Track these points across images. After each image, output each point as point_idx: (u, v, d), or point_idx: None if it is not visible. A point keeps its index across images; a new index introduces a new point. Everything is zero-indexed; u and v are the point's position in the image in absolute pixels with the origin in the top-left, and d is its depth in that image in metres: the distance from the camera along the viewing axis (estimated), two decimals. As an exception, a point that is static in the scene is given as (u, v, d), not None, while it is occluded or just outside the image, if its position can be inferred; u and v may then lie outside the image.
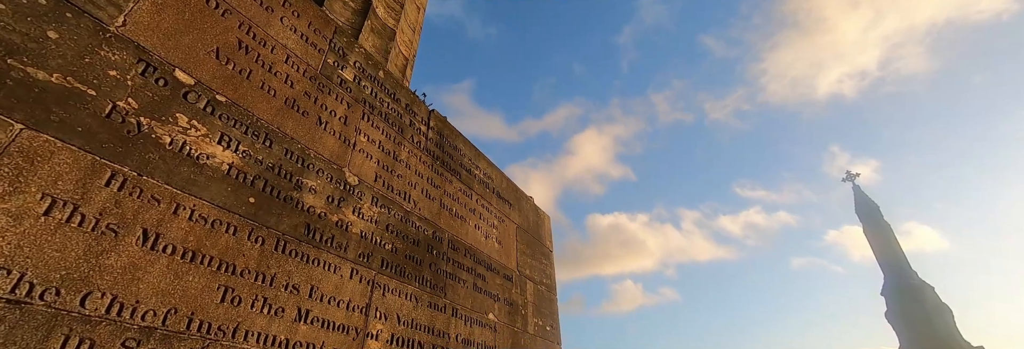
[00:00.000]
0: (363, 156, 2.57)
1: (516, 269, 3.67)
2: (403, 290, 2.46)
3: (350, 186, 2.40)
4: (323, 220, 2.16)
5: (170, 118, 1.70)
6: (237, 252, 1.74)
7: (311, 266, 2.00)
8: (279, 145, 2.09)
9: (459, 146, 3.61)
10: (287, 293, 1.85)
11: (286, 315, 1.82)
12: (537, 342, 3.57)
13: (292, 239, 1.97)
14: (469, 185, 3.51)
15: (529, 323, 3.56)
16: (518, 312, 3.47)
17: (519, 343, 3.32)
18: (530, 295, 3.72)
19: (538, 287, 3.92)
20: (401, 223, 2.65)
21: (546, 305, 3.95)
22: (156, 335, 1.42)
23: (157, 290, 1.47)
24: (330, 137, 2.39)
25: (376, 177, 2.61)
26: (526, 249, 3.97)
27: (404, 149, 2.94)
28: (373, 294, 2.26)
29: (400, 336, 2.31)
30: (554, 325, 3.96)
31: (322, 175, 2.25)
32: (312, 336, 1.88)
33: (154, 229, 1.53)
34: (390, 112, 2.94)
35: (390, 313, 2.31)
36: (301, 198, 2.09)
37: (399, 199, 2.71)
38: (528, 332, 3.49)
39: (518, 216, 4.06)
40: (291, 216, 2.01)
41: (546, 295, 4.01)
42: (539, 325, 3.70)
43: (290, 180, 2.08)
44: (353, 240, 2.27)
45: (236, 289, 1.69)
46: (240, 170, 1.87)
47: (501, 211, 3.81)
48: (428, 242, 2.80)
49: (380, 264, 2.38)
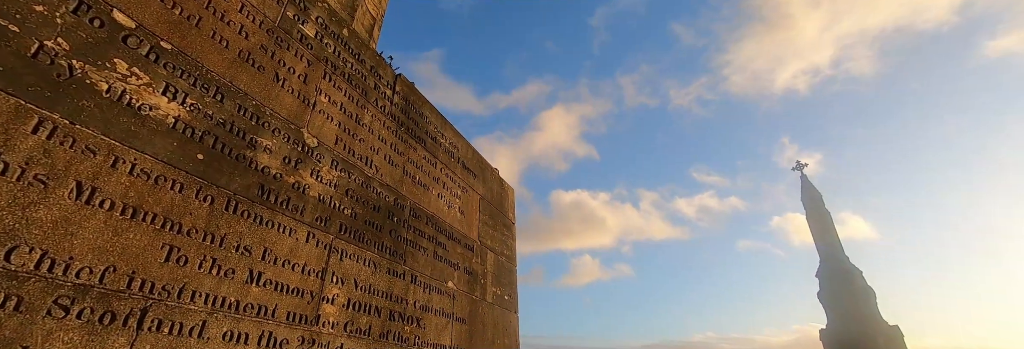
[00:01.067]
0: (323, 117, 2.46)
1: (477, 239, 3.68)
2: (362, 256, 2.42)
3: (309, 148, 2.30)
4: (279, 181, 2.07)
5: (107, 63, 1.55)
6: (183, 210, 1.65)
7: (265, 228, 1.93)
8: (231, 100, 1.96)
9: (425, 113, 3.52)
10: (238, 255, 1.79)
11: (237, 277, 1.76)
12: (495, 310, 3.64)
13: (244, 200, 1.88)
14: (434, 154, 3.45)
15: (488, 292, 3.61)
16: (477, 281, 3.50)
17: (477, 311, 3.37)
18: (490, 265, 3.76)
19: (499, 257, 3.96)
20: (362, 188, 2.58)
21: (506, 275, 4.00)
22: (92, 293, 1.35)
23: (93, 247, 1.38)
24: (288, 95, 2.26)
25: (337, 140, 2.51)
26: (488, 220, 3.98)
27: (367, 113, 2.84)
28: (330, 259, 2.21)
29: (357, 301, 2.29)
30: (512, 295, 4.04)
31: (278, 135, 2.14)
32: (264, 298, 1.83)
33: (90, 182, 1.42)
34: (354, 73, 2.81)
35: (347, 278, 2.28)
36: (255, 157, 1.99)
37: (360, 164, 2.63)
38: (486, 300, 3.54)
39: (482, 187, 4.04)
40: (244, 176, 1.92)
41: (506, 265, 4.06)
42: (498, 294, 3.76)
43: (243, 138, 1.97)
44: (310, 203, 2.20)
45: (182, 249, 1.61)
46: (188, 124, 1.75)
47: (465, 181, 3.78)
48: (389, 209, 2.76)
49: (339, 229, 2.32)
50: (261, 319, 1.79)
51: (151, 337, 1.45)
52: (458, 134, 3.95)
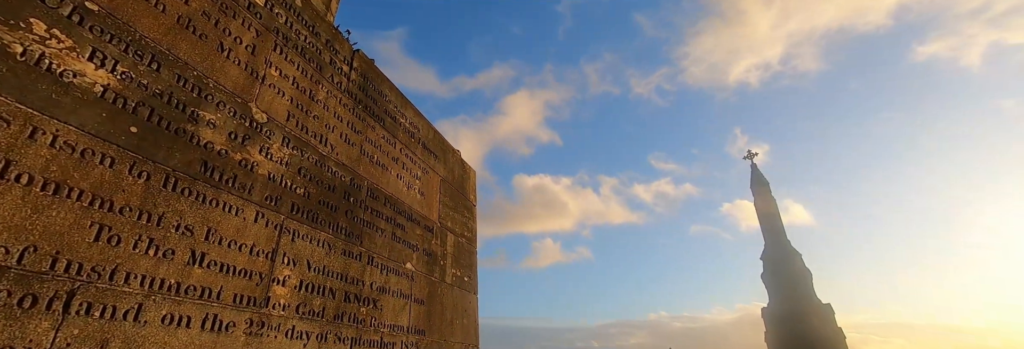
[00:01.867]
0: (274, 92, 2.33)
1: (438, 221, 3.64)
2: (315, 236, 2.34)
3: (257, 123, 2.18)
4: (224, 158, 1.95)
5: (22, 23, 1.40)
6: (115, 187, 1.53)
7: (208, 207, 1.82)
8: (169, 70, 1.82)
9: (385, 92, 3.41)
10: (178, 234, 1.69)
11: (177, 258, 1.66)
12: (454, 291, 3.64)
13: (185, 177, 1.77)
14: (393, 133, 3.35)
15: (448, 273, 3.60)
16: (437, 262, 3.48)
17: (436, 292, 3.36)
18: (450, 246, 3.74)
19: (459, 239, 3.94)
20: (316, 167, 2.48)
21: (466, 257, 4.00)
22: (9, 275, 1.24)
23: (9, 225, 1.26)
24: (234, 67, 2.12)
25: (289, 116, 2.39)
26: (449, 202, 3.94)
27: (322, 89, 2.71)
28: (281, 239, 2.13)
29: (310, 282, 2.23)
30: (472, 276, 4.04)
31: (223, 108, 2.01)
32: (208, 280, 1.74)
33: (3, 155, 1.29)
34: (307, 46, 2.67)
35: (300, 259, 2.20)
36: (197, 132, 1.86)
37: (314, 142, 2.52)
38: (446, 282, 3.53)
39: (443, 168, 3.99)
40: (184, 151, 1.80)
41: (466, 247, 4.05)
42: (457, 275, 3.76)
43: (183, 111, 1.84)
44: (259, 182, 2.10)
45: (115, 228, 1.50)
46: (119, 94, 1.61)
47: (426, 162, 3.71)
48: (345, 189, 2.67)
49: (290, 209, 2.23)
50: (205, 302, 1.71)
51: (79, 321, 1.35)
52: (419, 114, 3.86)
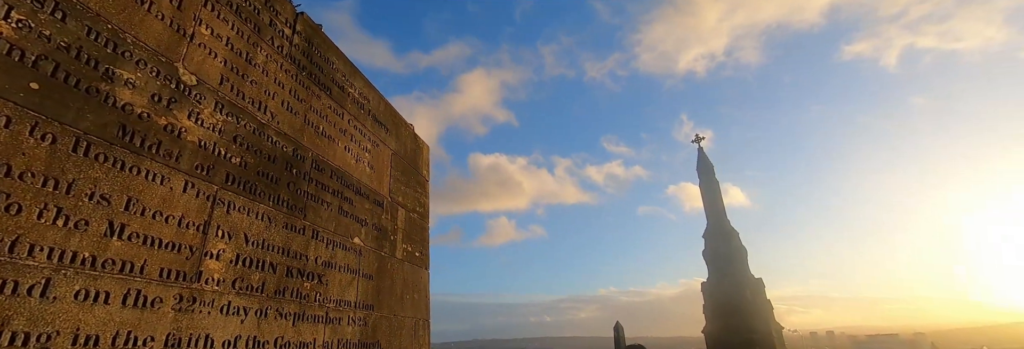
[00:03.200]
0: (205, 52, 2.14)
1: (388, 195, 3.55)
2: (254, 209, 2.22)
3: (186, 86, 2.00)
4: (146, 122, 1.78)
5: None
6: (13, 150, 1.36)
7: (128, 174, 1.67)
8: (77, 21, 1.62)
9: (332, 59, 3.22)
10: (93, 204, 1.54)
11: (92, 229, 1.52)
12: (405, 267, 3.59)
13: (100, 141, 1.60)
14: (341, 103, 3.19)
15: (398, 248, 3.54)
16: (387, 237, 3.41)
17: (385, 267, 3.30)
18: (401, 222, 3.67)
19: (410, 214, 3.87)
20: (254, 136, 2.33)
21: (417, 232, 3.94)
22: None
23: None
24: (157, 22, 1.92)
25: (222, 80, 2.21)
26: (401, 176, 3.84)
27: (261, 52, 2.52)
28: (214, 211, 2.00)
29: (248, 257, 2.12)
30: (424, 252, 4.00)
31: (144, 68, 1.83)
32: (130, 253, 1.61)
33: None
34: (243, 5, 2.46)
35: (236, 232, 2.08)
36: (113, 92, 1.69)
37: (252, 109, 2.36)
38: (396, 257, 3.48)
39: (395, 142, 3.86)
40: (98, 113, 1.62)
41: (418, 222, 3.99)
42: (408, 251, 3.70)
43: (96, 68, 1.65)
44: (188, 149, 1.94)
45: (13, 195, 1.34)
46: (15, 45, 1.42)
47: (376, 135, 3.58)
48: (287, 160, 2.53)
49: (225, 179, 2.09)
50: (126, 276, 1.58)
51: (-26, 297, 1.22)
52: (369, 85, 3.69)
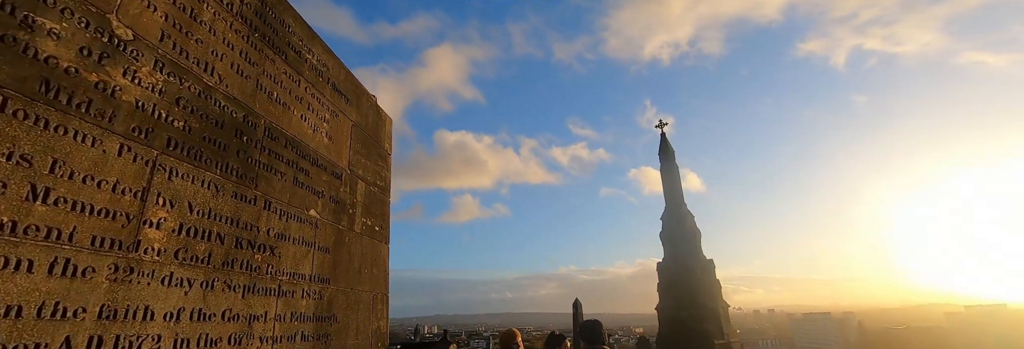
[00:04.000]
0: (142, 5, 1.96)
1: (347, 167, 3.44)
2: (200, 176, 2.09)
3: (121, 41, 1.83)
4: (74, 78, 1.63)
5: None
6: (-89, 100, 1.21)
7: (53, 134, 1.53)
8: (-13, -42, 1.43)
9: (288, 22, 3.03)
10: (12, 165, 1.40)
11: (12, 192, 1.39)
12: (364, 240, 3.53)
13: (17, 96, 1.45)
14: (298, 69, 3.03)
15: (357, 222, 3.46)
16: (345, 211, 3.32)
17: (343, 241, 3.23)
18: (360, 195, 3.58)
19: (371, 188, 3.78)
20: (200, 99, 2.18)
21: (377, 206, 3.86)
22: None
23: None
24: (85, -34, 1.73)
25: (163, 36, 2.04)
26: (361, 148, 3.72)
27: (208, 9, 2.33)
28: (155, 177, 1.87)
29: (192, 226, 2.01)
30: (384, 226, 3.94)
31: (71, 17, 1.65)
32: (56, 220, 1.49)
33: None
34: (188, -46, 2.25)
35: (179, 200, 1.97)
36: (33, 43, 1.52)
37: (197, 69, 2.20)
38: (354, 231, 3.40)
39: (356, 113, 3.72)
40: (16, 65, 1.46)
41: (379, 196, 3.90)
42: (367, 225, 3.63)
43: (13, 14, 1.48)
44: (124, 109, 1.79)
45: (-87, 151, 1.20)
46: (-92, -19, 1.24)
47: (336, 105, 3.43)
48: (237, 126, 2.39)
49: (166, 144, 1.95)
50: (52, 244, 1.47)
51: None
52: (329, 52, 3.51)
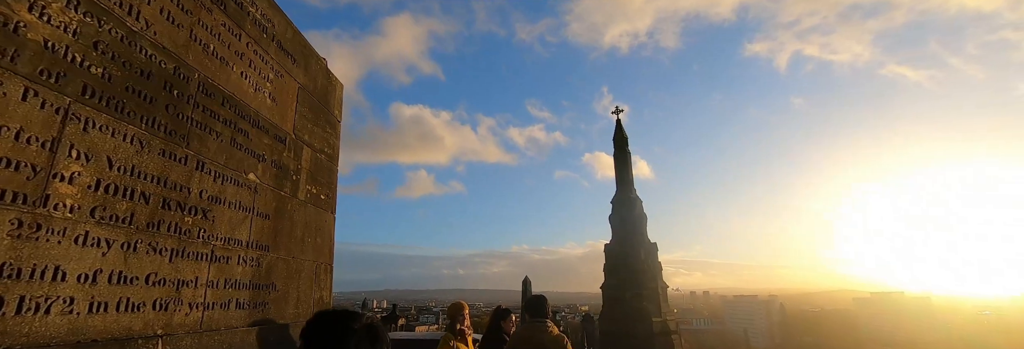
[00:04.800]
0: (52, -69, 1.73)
1: (292, 132, 3.28)
2: (121, 130, 1.92)
3: (24, -30, 1.62)
4: (-35, 7, 1.43)
5: None
6: None
7: (-62, 69, 1.34)
8: None
9: (229, -31, 2.79)
10: None
11: None
12: (308, 209, 3.41)
13: None
14: (239, 23, 2.81)
15: (301, 189, 3.33)
16: (288, 177, 3.18)
17: (285, 208, 3.10)
18: (306, 161, 3.43)
19: (317, 155, 3.63)
20: (122, 45, 1.98)
21: (324, 174, 3.72)
22: None
23: None
24: None
25: (78, -30, 1.82)
26: (308, 113, 3.55)
27: (134, -55, 2.10)
28: (67, 127, 1.70)
29: (112, 183, 1.85)
30: (331, 195, 3.81)
31: (-40, -64, 1.44)
32: (-56, 166, 1.33)
33: None
34: None
35: (96, 154, 1.80)
36: (-89, -39, 1.31)
37: (119, 12, 1.99)
38: (298, 198, 3.27)
39: (303, 75, 3.53)
40: None
41: (326, 164, 3.76)
42: (313, 193, 3.50)
43: None
44: (29, 49, 1.60)
45: None
46: None
47: (281, 65, 3.23)
48: (167, 79, 2.20)
49: (82, 91, 1.77)
50: (-61, 192, 1.31)
51: None
52: (276, 7, 3.28)
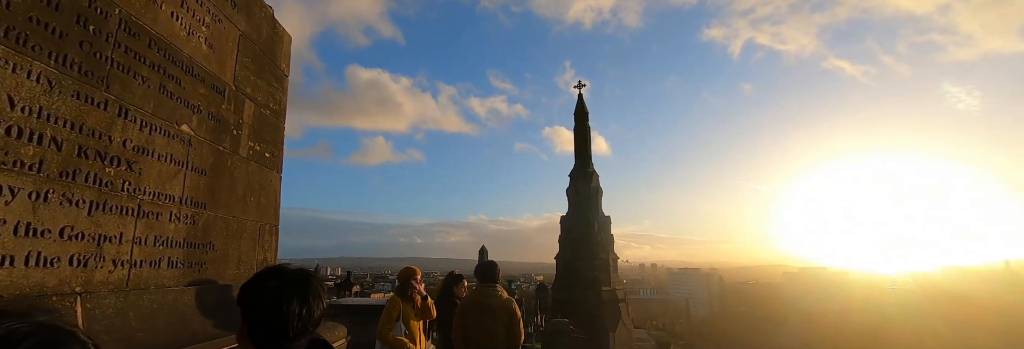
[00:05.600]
0: None
1: (232, 83, 3.05)
2: (24, 66, 1.70)
3: None
4: None
5: None
6: None
7: None
8: None
9: None
10: None
11: None
12: (251, 166, 3.23)
13: None
14: (168, -44, 2.52)
15: (243, 145, 3.14)
16: (228, 131, 2.98)
17: (224, 164, 2.92)
18: (248, 116, 3.22)
19: (261, 110, 3.41)
20: (22, -32, 1.73)
21: (270, 131, 3.52)
22: None
23: None
24: None
25: None
26: (251, 64, 3.30)
27: None
28: (-47, 57, 1.48)
29: (15, 125, 1.65)
30: (277, 153, 3.63)
31: None
32: None
33: None
34: None
35: (-7, 91, 1.60)
36: None
37: (16, -73, 1.72)
38: (239, 154, 3.09)
39: (245, 23, 3.25)
40: None
41: (271, 121, 3.55)
42: (256, 150, 3.32)
43: None
44: None
45: None
46: None
47: (219, 9, 2.95)
48: (80, 12, 1.96)
49: (-29, 17, 1.54)
50: None
51: None
52: (213, -58, 2.96)
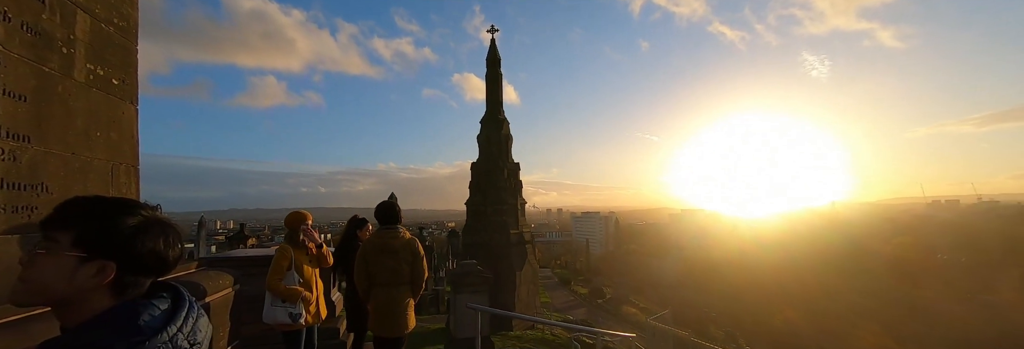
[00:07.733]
0: None
1: (56, -14, 2.44)
2: None
3: None
4: None
5: None
6: None
7: None
8: None
9: None
10: None
11: None
12: (93, 94, 2.70)
13: None
14: None
15: (78, 68, 2.59)
16: (55, 48, 2.42)
17: (53, 89, 2.40)
18: (83, 32, 2.64)
19: (102, 25, 2.81)
20: None
21: (116, 53, 2.94)
22: None
23: None
24: None
25: None
26: (84, -35, 2.66)
27: None
28: None
29: None
30: (129, 81, 3.07)
31: None
32: None
33: None
34: None
35: None
36: None
37: None
38: (74, 78, 2.55)
39: (71, -92, 2.56)
40: None
41: (117, 40, 2.96)
42: (99, 74, 2.77)
43: None
44: None
45: None
46: None
47: None
48: None
49: None
50: None
51: None
52: None
